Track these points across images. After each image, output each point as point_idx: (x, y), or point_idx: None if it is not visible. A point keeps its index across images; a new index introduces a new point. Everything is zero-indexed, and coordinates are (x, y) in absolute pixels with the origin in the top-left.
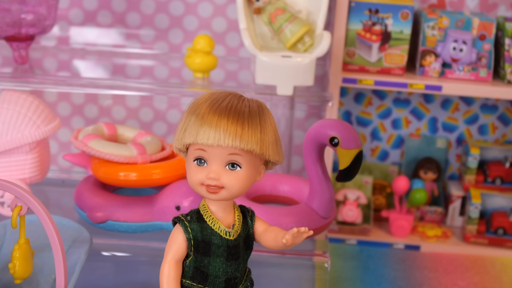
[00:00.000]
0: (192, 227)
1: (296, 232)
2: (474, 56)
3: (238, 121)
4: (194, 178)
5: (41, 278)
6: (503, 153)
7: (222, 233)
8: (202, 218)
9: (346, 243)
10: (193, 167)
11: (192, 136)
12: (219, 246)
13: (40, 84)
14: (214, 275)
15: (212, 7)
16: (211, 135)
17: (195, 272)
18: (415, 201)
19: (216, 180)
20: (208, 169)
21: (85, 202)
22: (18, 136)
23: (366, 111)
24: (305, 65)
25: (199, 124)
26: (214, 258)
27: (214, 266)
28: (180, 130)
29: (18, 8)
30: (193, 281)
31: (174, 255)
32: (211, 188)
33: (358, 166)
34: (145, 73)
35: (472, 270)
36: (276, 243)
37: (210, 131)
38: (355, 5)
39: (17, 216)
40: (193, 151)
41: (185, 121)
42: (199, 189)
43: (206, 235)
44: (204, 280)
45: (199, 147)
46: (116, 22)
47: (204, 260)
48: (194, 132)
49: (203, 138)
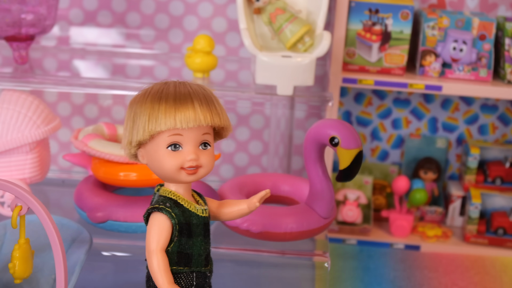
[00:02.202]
0: (174, 212)
1: (264, 195)
2: (474, 56)
3: (207, 100)
4: (172, 164)
5: (41, 278)
6: (503, 153)
7: (199, 212)
8: (178, 202)
9: (346, 243)
10: (167, 154)
11: (169, 122)
12: (198, 225)
13: (40, 84)
14: (197, 254)
15: (212, 7)
16: (191, 118)
17: (179, 256)
18: (415, 201)
19: (196, 160)
20: (185, 152)
21: (85, 202)
22: (18, 136)
23: (366, 111)
24: (305, 65)
25: (173, 110)
26: (196, 238)
27: (196, 246)
28: (146, 122)
29: (18, 8)
30: (179, 265)
31: (160, 244)
32: (190, 170)
33: (358, 166)
34: (145, 73)
35: (472, 270)
36: (239, 212)
37: (188, 114)
38: (355, 5)
39: (17, 216)
40: (165, 138)
41: (150, 112)
42: (177, 174)
43: (187, 217)
44: (189, 262)
45: (175, 132)
46: (116, 22)
47: (188, 242)
48: (170, 118)
49: (183, 122)
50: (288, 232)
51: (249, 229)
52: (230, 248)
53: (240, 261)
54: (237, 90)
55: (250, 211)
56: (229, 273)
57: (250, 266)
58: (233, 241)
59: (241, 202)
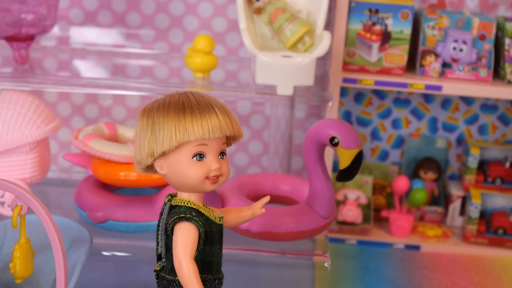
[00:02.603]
0: (201, 221)
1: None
2: (474, 56)
3: (225, 111)
4: (199, 174)
5: (42, 278)
6: (503, 153)
7: (216, 220)
8: (200, 212)
9: (346, 243)
10: (193, 164)
11: (198, 132)
12: (216, 233)
13: (40, 84)
14: (216, 261)
15: (212, 7)
16: (217, 127)
17: (202, 264)
18: (415, 201)
19: (219, 170)
20: (208, 162)
21: (85, 202)
22: (18, 136)
23: (366, 111)
24: (305, 65)
25: (199, 120)
26: (215, 246)
27: (216, 253)
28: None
29: (18, 8)
30: (203, 273)
31: (190, 253)
32: (213, 179)
33: (358, 166)
34: (145, 73)
35: (472, 270)
36: (242, 219)
37: (214, 123)
38: (355, 5)
39: (17, 215)
40: (191, 149)
41: (175, 122)
42: (202, 184)
43: (209, 225)
44: (210, 269)
45: (202, 142)
46: (116, 22)
47: (211, 249)
48: (199, 129)
49: (210, 132)
50: (288, 232)
51: (249, 229)
52: (230, 248)
53: (240, 261)
54: (237, 90)
55: (254, 216)
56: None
57: (250, 266)
58: (233, 241)
59: (243, 209)
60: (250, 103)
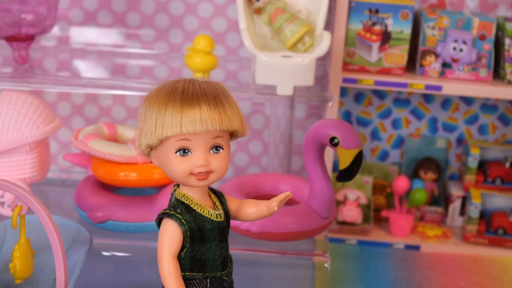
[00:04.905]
0: (185, 218)
1: (284, 198)
2: (474, 56)
3: (216, 103)
4: (181, 169)
5: (41, 278)
6: (503, 153)
7: (212, 217)
8: (190, 207)
9: (346, 243)
10: (176, 159)
11: (175, 128)
12: (212, 230)
13: (40, 84)
14: (212, 260)
15: (212, 7)
16: (197, 123)
17: (193, 262)
18: (415, 201)
19: (206, 166)
20: (194, 157)
21: (85, 202)
22: (18, 136)
23: (366, 111)
24: (305, 65)
25: (179, 115)
26: (210, 244)
27: (211, 251)
28: (153, 126)
29: (18, 8)
30: (193, 271)
31: (171, 250)
32: (200, 175)
33: (358, 166)
34: (145, 73)
35: (472, 270)
36: (259, 214)
37: (195, 118)
38: (355, 5)
39: (17, 216)
40: (173, 143)
41: (157, 116)
42: (187, 180)
43: (199, 223)
44: (203, 268)
45: (183, 137)
46: (116, 22)
47: (202, 247)
48: (177, 123)
49: (189, 127)
50: (288, 232)
51: (249, 229)
52: (230, 248)
53: (240, 261)
54: (237, 90)
55: (270, 214)
56: None
57: (250, 266)
58: (233, 241)
59: (261, 204)
60: (250, 103)
